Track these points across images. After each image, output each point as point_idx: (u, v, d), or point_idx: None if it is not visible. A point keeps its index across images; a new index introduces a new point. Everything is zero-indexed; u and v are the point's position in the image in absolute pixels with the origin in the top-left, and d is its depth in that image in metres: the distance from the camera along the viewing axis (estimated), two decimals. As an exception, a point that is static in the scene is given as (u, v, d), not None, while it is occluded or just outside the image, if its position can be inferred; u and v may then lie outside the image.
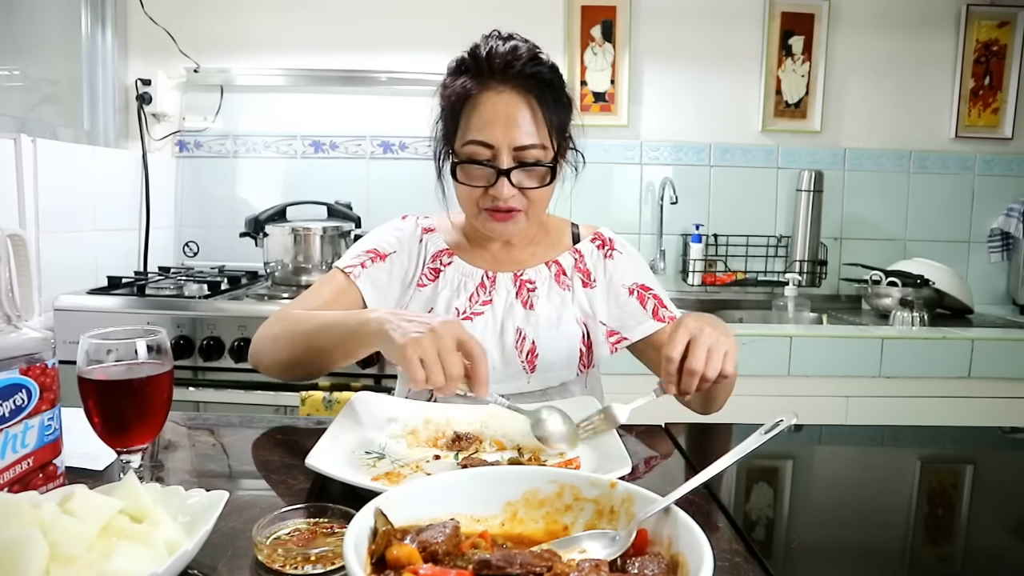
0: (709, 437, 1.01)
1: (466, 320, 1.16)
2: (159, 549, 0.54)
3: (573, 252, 1.23)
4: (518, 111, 1.05)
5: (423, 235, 1.24)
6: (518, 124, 1.05)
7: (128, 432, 0.70)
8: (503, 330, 1.16)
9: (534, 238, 1.24)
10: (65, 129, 2.18)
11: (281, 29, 2.43)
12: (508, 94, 1.06)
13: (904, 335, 1.92)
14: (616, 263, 1.23)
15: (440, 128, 1.14)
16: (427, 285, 1.20)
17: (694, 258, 2.47)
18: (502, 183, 1.05)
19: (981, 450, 1.07)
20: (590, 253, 1.23)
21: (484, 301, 1.18)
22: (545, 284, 1.19)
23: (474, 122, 1.06)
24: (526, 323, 1.16)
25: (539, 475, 0.62)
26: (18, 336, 0.66)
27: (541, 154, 1.07)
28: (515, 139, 1.05)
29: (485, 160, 1.06)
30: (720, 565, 0.60)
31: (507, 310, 1.17)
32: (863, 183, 2.52)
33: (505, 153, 1.05)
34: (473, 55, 1.08)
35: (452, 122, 1.10)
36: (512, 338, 1.16)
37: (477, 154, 1.06)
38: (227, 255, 2.40)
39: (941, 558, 0.72)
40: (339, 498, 0.71)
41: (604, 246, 1.24)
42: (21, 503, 0.54)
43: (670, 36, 2.46)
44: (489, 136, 1.05)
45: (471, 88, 1.07)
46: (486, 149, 1.06)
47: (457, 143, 1.09)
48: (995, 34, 2.48)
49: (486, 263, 1.21)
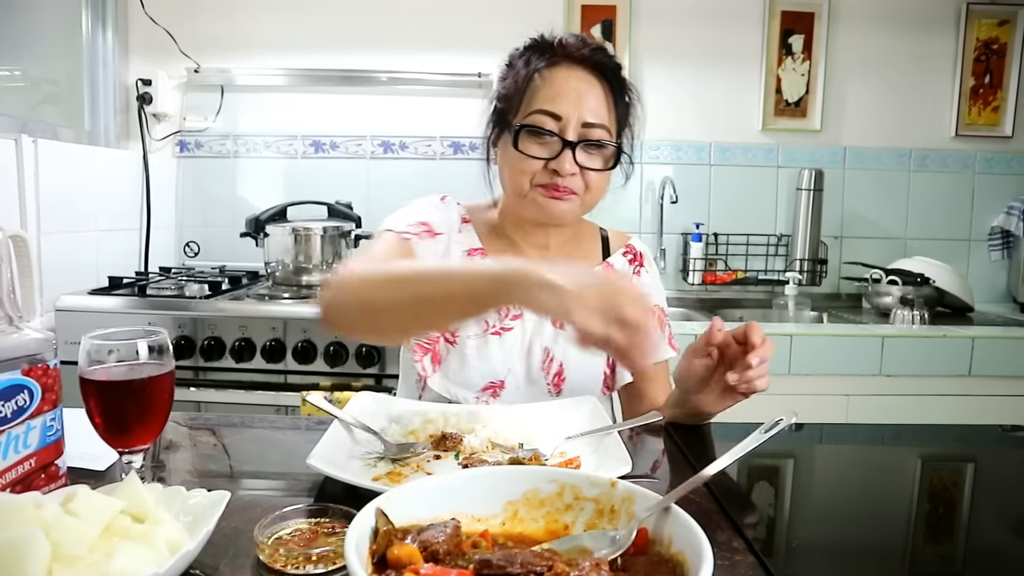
0: (709, 436, 1.01)
1: (494, 335, 1.11)
2: (161, 549, 0.54)
3: (606, 266, 1.19)
4: (590, 88, 1.04)
5: (462, 225, 1.18)
6: (588, 100, 1.03)
7: (129, 432, 0.70)
8: (531, 349, 1.12)
9: (566, 247, 1.18)
10: (66, 129, 2.18)
11: (282, 29, 2.43)
12: (580, 71, 1.04)
13: (904, 333, 1.92)
14: (643, 281, 1.20)
15: (497, 107, 1.10)
16: None
17: (694, 257, 2.47)
18: (565, 156, 1.02)
19: (982, 448, 1.07)
20: (622, 268, 1.20)
21: (515, 315, 1.13)
22: None
23: (543, 93, 1.03)
24: (555, 344, 1.12)
25: (539, 474, 0.62)
26: (20, 337, 0.66)
27: (606, 136, 1.05)
28: (584, 114, 1.02)
29: (551, 131, 1.03)
30: (720, 564, 0.61)
31: (536, 327, 1.12)
32: (863, 182, 2.52)
33: (573, 126, 1.02)
34: (543, 39, 1.07)
35: (518, 96, 1.06)
36: (539, 358, 1.12)
37: (544, 123, 1.03)
38: (228, 255, 2.40)
39: (942, 556, 0.72)
40: (340, 498, 0.71)
41: (635, 261, 1.21)
42: (23, 503, 0.54)
43: (670, 35, 2.46)
44: (558, 107, 1.02)
45: (543, 63, 1.05)
46: (553, 121, 1.02)
47: (519, 116, 1.05)
48: (995, 32, 2.48)
49: None
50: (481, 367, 1.10)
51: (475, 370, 1.10)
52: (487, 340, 1.11)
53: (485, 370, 1.10)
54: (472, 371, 1.10)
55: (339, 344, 1.79)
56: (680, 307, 2.44)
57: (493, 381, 1.11)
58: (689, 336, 1.86)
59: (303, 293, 2.00)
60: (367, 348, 1.79)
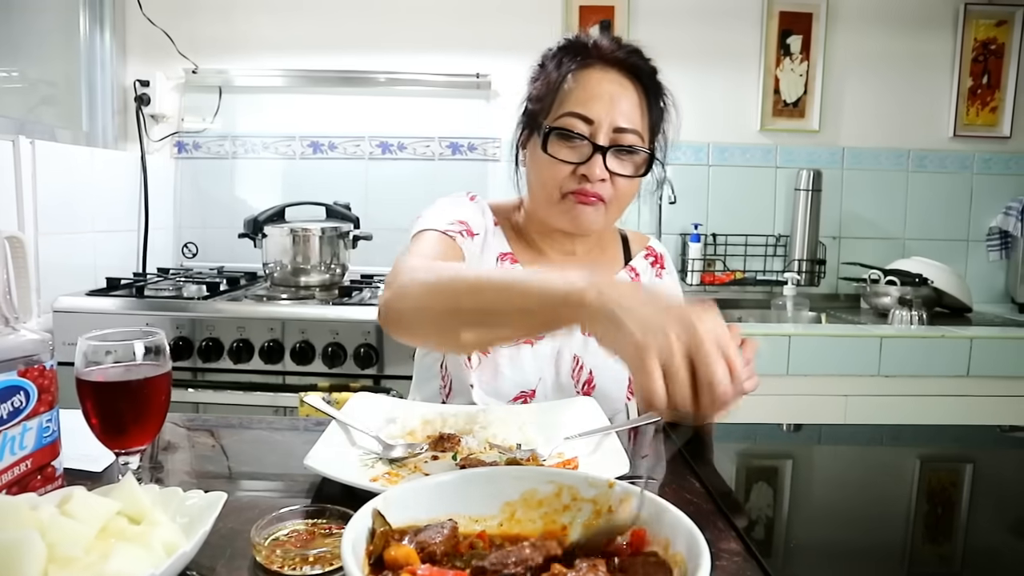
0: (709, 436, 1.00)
1: (527, 344, 1.09)
2: (157, 550, 0.54)
3: (629, 271, 1.18)
4: (623, 92, 1.01)
5: (493, 228, 1.15)
6: (621, 105, 1.00)
7: (126, 434, 0.70)
8: (559, 356, 1.10)
9: (591, 253, 1.17)
10: (64, 131, 2.18)
11: (279, 30, 2.43)
12: (614, 74, 1.02)
13: (903, 334, 1.92)
14: (664, 283, 1.20)
15: (528, 108, 1.08)
16: None
17: (693, 257, 2.47)
18: (596, 161, 0.99)
19: (980, 449, 1.07)
20: (645, 271, 1.19)
21: None
22: None
23: (576, 95, 1.01)
24: (584, 351, 1.10)
25: (537, 475, 0.62)
26: (16, 338, 0.66)
27: (638, 141, 1.02)
28: (616, 119, 1.00)
29: (581, 134, 1.00)
30: (718, 565, 0.61)
31: (565, 335, 1.10)
32: (862, 182, 2.52)
33: (604, 131, 1.00)
34: (577, 39, 1.05)
35: (549, 97, 1.03)
36: (569, 366, 1.10)
37: (575, 127, 1.00)
38: (226, 256, 2.40)
39: (940, 557, 0.72)
40: (338, 499, 0.71)
41: (656, 263, 1.21)
42: (19, 505, 0.54)
43: (668, 35, 2.46)
44: (590, 110, 1.00)
45: (574, 66, 1.02)
46: (584, 124, 1.00)
47: (551, 117, 1.02)
48: (993, 33, 2.48)
49: None
50: (514, 376, 1.08)
51: (508, 380, 1.08)
52: (520, 350, 1.09)
53: (518, 379, 1.08)
54: (505, 381, 1.08)
55: (337, 345, 1.79)
56: (679, 308, 2.43)
57: (524, 390, 1.09)
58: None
59: (301, 294, 2.00)
60: (365, 349, 1.78)
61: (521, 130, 1.10)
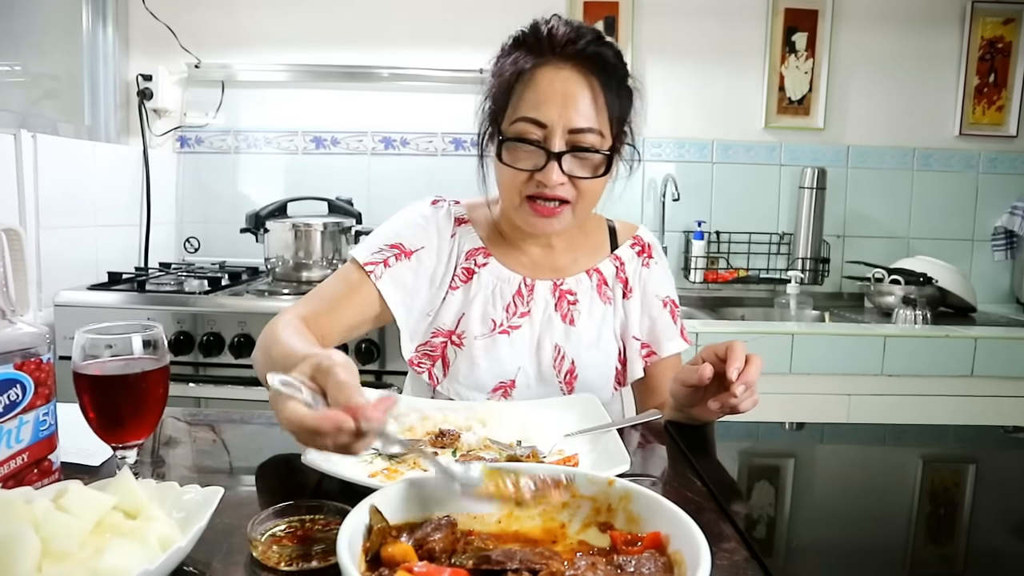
0: (710, 435, 1.00)
1: (502, 334, 1.09)
2: (152, 545, 0.54)
3: (614, 259, 1.16)
4: (578, 90, 0.96)
5: (456, 228, 1.14)
6: (576, 104, 0.96)
7: (123, 428, 0.69)
8: (540, 345, 1.09)
9: (573, 241, 1.15)
10: (66, 125, 2.17)
11: (282, 24, 2.43)
12: (568, 72, 0.97)
13: (907, 333, 1.91)
14: (652, 272, 1.17)
15: (488, 107, 1.05)
16: (459, 287, 1.11)
17: (696, 255, 2.46)
18: (551, 168, 0.97)
19: (983, 449, 1.06)
20: (630, 260, 1.17)
21: (522, 313, 1.10)
22: (587, 296, 1.12)
23: (527, 98, 0.98)
24: (566, 340, 1.09)
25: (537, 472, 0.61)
26: (13, 331, 0.65)
27: (597, 141, 0.98)
28: (571, 120, 0.96)
29: (535, 140, 0.97)
30: (719, 564, 0.60)
31: (545, 323, 1.10)
32: (866, 180, 2.51)
33: (558, 135, 0.96)
34: (533, 30, 1.00)
35: (503, 98, 1.01)
36: (550, 355, 1.09)
37: (527, 133, 0.98)
38: (228, 251, 2.40)
39: (943, 557, 0.71)
40: (336, 495, 0.70)
41: (643, 252, 1.18)
42: (13, 499, 0.53)
43: (673, 32, 2.45)
44: (543, 114, 0.96)
45: (527, 62, 0.98)
46: (538, 129, 0.97)
47: (506, 121, 1.00)
48: (1000, 31, 2.47)
49: (524, 268, 1.12)
50: (490, 367, 1.08)
51: (484, 371, 1.08)
52: (495, 340, 1.09)
53: (495, 370, 1.08)
54: (482, 372, 1.08)
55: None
56: (682, 305, 2.41)
57: (503, 381, 1.09)
58: (690, 335, 1.85)
59: (303, 289, 1.99)
60: (367, 344, 1.78)
61: (482, 127, 1.08)
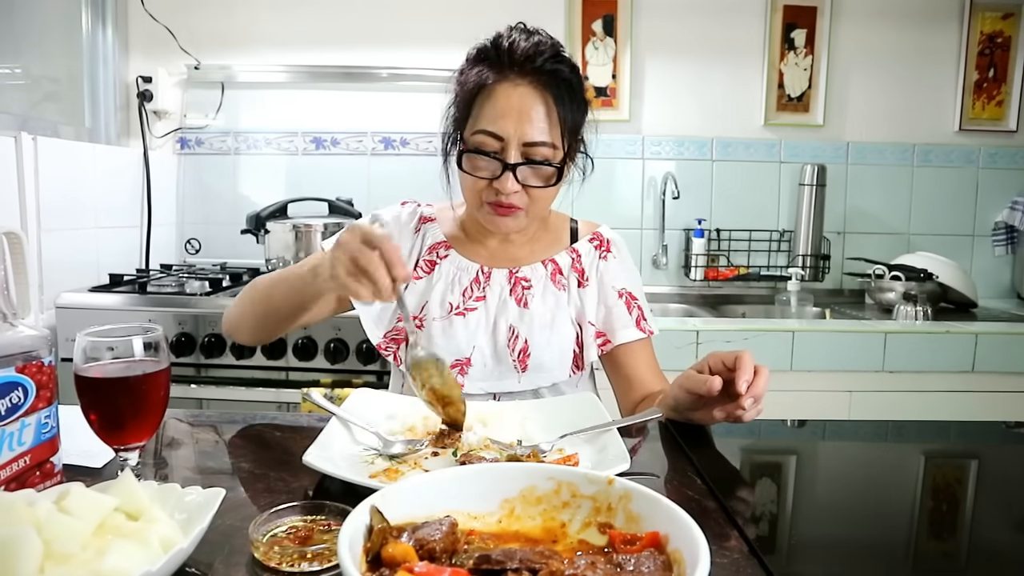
0: (709, 434, 1.00)
1: (459, 316, 1.16)
2: (154, 547, 0.54)
3: (571, 251, 1.23)
4: (532, 106, 1.04)
5: (421, 224, 1.24)
6: (531, 119, 1.04)
7: (125, 430, 0.70)
8: (495, 327, 1.16)
9: (533, 235, 1.23)
10: (66, 127, 2.18)
11: (282, 25, 2.43)
12: (525, 88, 1.05)
13: (907, 329, 1.91)
14: (609, 265, 1.23)
15: (452, 114, 1.13)
16: (422, 278, 1.20)
17: (696, 253, 2.46)
18: (507, 178, 1.05)
19: (985, 445, 1.06)
20: (587, 252, 1.23)
21: (478, 297, 1.18)
22: (541, 283, 1.19)
23: (487, 112, 1.05)
24: (519, 321, 1.16)
25: (537, 472, 0.61)
26: (14, 334, 0.66)
27: (550, 153, 1.06)
28: (526, 134, 1.04)
29: (493, 152, 1.05)
30: (719, 562, 0.60)
31: (500, 307, 1.17)
32: (866, 177, 2.51)
33: (514, 147, 1.04)
34: (495, 44, 1.07)
35: (465, 109, 1.09)
36: (505, 336, 1.15)
37: (485, 144, 1.05)
38: (229, 252, 2.40)
39: (944, 554, 0.71)
40: (337, 495, 0.71)
41: (601, 246, 1.24)
42: (15, 501, 0.53)
43: (672, 30, 2.45)
44: (500, 128, 1.04)
45: (488, 78, 1.06)
46: (495, 141, 1.05)
47: (467, 131, 1.08)
48: (999, 26, 2.46)
49: (482, 258, 1.21)
50: (446, 345, 1.15)
51: (440, 349, 1.13)
52: (452, 321, 1.16)
53: (450, 348, 1.15)
54: (438, 350, 1.11)
55: (339, 341, 1.78)
56: (682, 303, 2.43)
57: (459, 359, 1.15)
58: (691, 332, 1.86)
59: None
60: (367, 345, 1.78)
61: (447, 131, 1.15)
